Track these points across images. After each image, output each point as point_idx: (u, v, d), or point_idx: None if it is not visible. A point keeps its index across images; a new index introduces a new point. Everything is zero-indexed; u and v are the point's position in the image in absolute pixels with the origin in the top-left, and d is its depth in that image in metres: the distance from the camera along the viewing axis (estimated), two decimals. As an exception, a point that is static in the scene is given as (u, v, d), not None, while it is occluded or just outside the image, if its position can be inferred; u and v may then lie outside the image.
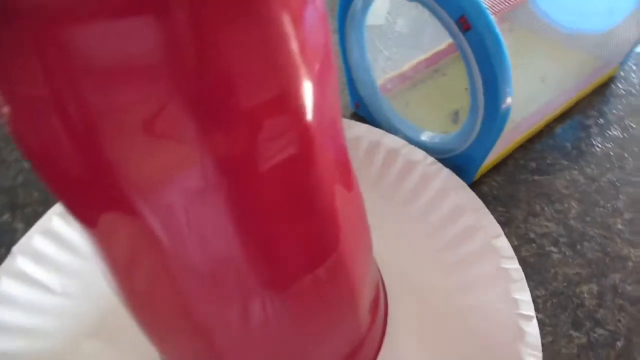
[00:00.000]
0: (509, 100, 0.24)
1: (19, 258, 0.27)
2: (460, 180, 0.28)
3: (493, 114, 0.25)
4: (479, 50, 0.23)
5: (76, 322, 0.26)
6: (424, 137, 0.31)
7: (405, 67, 0.36)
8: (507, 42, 0.24)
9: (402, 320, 0.25)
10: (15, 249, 0.27)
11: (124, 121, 0.10)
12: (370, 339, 0.23)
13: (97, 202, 0.12)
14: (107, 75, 0.10)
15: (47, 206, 0.33)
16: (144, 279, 0.15)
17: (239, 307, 0.15)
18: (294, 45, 0.12)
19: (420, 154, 0.30)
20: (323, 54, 0.14)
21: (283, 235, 0.16)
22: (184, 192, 0.12)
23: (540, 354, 0.21)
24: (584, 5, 0.35)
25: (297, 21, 0.12)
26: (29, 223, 0.32)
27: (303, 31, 0.12)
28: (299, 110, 0.13)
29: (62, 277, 0.28)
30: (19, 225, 0.32)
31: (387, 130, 0.32)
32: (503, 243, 0.25)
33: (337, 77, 0.15)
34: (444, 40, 0.38)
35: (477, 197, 0.27)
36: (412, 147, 0.30)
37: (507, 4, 0.24)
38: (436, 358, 0.23)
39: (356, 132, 0.32)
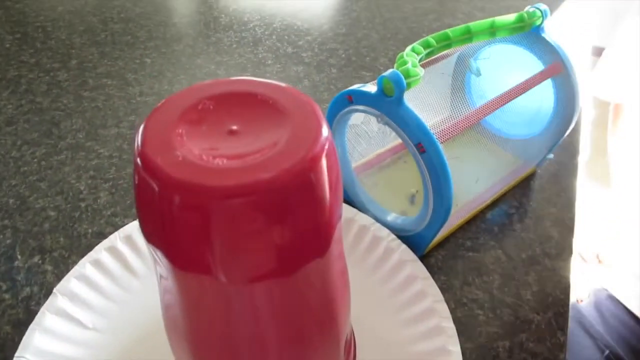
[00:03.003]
0: (449, 202, 0.33)
1: (59, 298, 0.33)
2: (414, 255, 0.37)
3: (439, 210, 0.34)
4: (431, 168, 0.32)
5: (105, 352, 0.32)
6: (389, 217, 0.40)
7: (374, 154, 0.45)
8: (458, 148, 0.34)
9: (366, 362, 0.33)
10: (56, 289, 0.33)
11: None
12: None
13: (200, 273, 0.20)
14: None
15: (71, 251, 0.39)
16: (203, 327, 0.22)
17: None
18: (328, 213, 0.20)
19: (384, 231, 0.38)
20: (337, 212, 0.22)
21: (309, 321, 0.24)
22: (262, 287, 0.20)
23: (464, 393, 0.30)
24: (512, 116, 0.46)
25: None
26: (57, 266, 0.38)
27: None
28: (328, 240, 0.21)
29: (93, 315, 0.34)
30: (48, 267, 0.38)
31: (360, 210, 0.41)
32: (443, 306, 0.34)
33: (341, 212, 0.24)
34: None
35: (425, 268, 0.36)
36: (378, 225, 0.39)
37: (453, 132, 0.34)
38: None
39: (335, 208, 0.40)
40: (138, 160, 0.19)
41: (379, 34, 0.68)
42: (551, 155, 0.46)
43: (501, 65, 0.44)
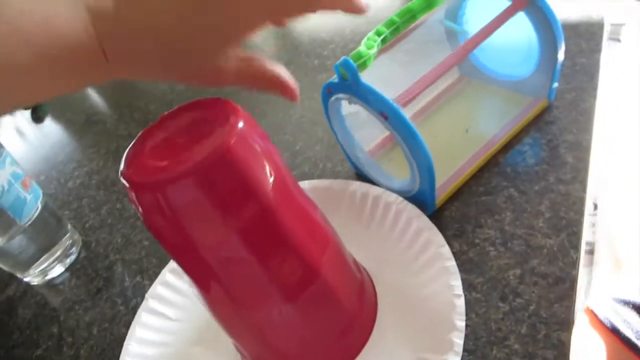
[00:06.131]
0: (428, 162, 0.37)
1: (149, 300, 0.44)
2: (419, 210, 0.41)
3: (422, 167, 0.38)
4: (398, 131, 0.36)
5: (186, 337, 0.42)
6: (394, 184, 0.44)
7: (381, 137, 0.50)
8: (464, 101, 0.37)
9: (387, 308, 0.38)
10: (147, 295, 0.44)
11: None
12: (361, 321, 0.36)
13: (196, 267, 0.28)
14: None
15: (161, 267, 0.50)
16: (223, 304, 0.30)
17: (275, 309, 0.30)
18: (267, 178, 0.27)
19: (393, 196, 0.43)
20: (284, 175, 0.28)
21: (284, 269, 0.30)
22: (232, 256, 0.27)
23: (464, 317, 0.33)
24: (507, 58, 0.47)
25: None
26: (152, 280, 0.49)
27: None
28: (275, 201, 0.28)
29: (174, 310, 0.44)
30: (147, 282, 0.50)
31: (374, 183, 0.46)
32: (445, 250, 0.37)
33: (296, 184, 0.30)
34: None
35: (429, 220, 0.39)
36: (388, 192, 0.43)
37: (411, 93, 0.37)
38: (408, 331, 0.35)
39: (353, 187, 0.46)
40: (122, 179, 0.27)
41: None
42: (555, 84, 0.46)
43: (483, 16, 0.46)
